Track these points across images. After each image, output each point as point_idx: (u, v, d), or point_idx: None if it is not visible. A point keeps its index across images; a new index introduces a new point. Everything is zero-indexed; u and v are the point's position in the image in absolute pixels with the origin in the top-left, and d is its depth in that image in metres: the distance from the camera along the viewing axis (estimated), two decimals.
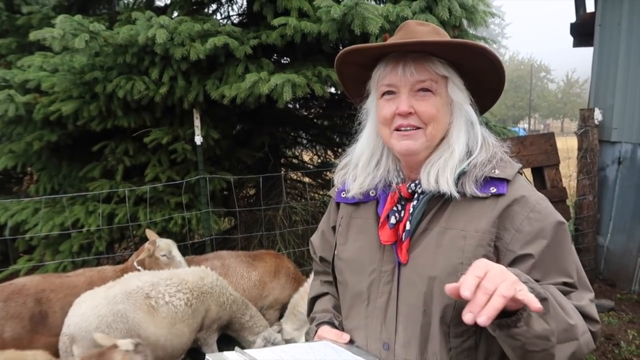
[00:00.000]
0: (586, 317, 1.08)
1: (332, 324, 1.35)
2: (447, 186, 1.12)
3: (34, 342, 2.97)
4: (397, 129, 1.17)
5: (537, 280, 1.06)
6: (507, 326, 0.94)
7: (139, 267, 3.28)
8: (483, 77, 1.20)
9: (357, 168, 1.28)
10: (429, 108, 1.15)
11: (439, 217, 1.16)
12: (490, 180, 1.13)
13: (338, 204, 1.39)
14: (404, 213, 1.20)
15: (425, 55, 1.15)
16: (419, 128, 1.16)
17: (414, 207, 1.18)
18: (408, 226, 1.17)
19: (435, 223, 1.16)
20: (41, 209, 3.92)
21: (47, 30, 3.36)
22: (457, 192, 1.13)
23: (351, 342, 1.28)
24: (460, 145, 1.16)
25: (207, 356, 1.05)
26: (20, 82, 3.86)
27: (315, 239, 1.51)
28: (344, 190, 1.33)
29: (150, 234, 3.45)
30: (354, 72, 1.29)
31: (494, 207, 1.11)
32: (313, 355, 1.16)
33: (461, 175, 1.14)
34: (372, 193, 1.27)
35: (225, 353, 1.09)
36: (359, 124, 1.33)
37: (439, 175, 1.14)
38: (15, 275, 4.02)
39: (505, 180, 1.13)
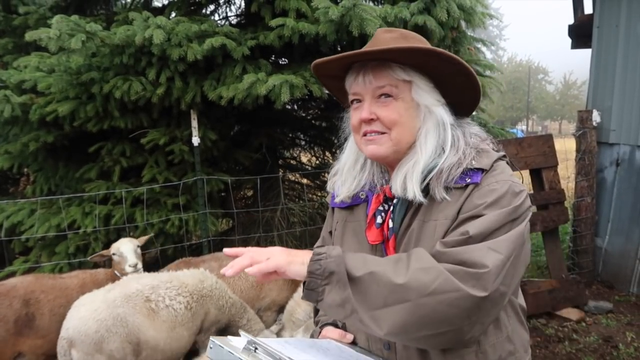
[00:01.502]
0: (465, 263, 1.00)
1: (336, 325, 1.37)
2: (413, 193, 1.14)
3: (18, 345, 2.93)
4: (364, 135, 1.21)
5: (466, 235, 1.04)
6: (310, 297, 1.07)
7: (115, 272, 3.33)
8: (450, 78, 1.20)
9: (349, 172, 1.31)
10: (389, 113, 1.17)
11: (419, 212, 1.18)
12: (466, 171, 1.14)
13: (334, 209, 1.42)
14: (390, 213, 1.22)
15: (384, 62, 1.17)
16: (384, 133, 1.19)
17: (394, 205, 1.21)
18: (391, 224, 1.20)
19: (416, 218, 1.18)
20: (37, 210, 3.90)
21: (44, 31, 3.34)
22: (430, 195, 1.15)
23: (354, 342, 1.31)
24: (428, 149, 1.17)
25: (211, 338, 1.06)
26: (17, 83, 3.84)
27: (318, 245, 1.52)
28: (336, 195, 1.36)
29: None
30: (335, 84, 1.31)
31: (463, 195, 1.12)
32: (316, 349, 1.18)
33: (430, 179, 1.15)
34: (362, 195, 1.30)
35: (230, 337, 1.10)
36: (343, 132, 1.37)
37: (406, 182, 1.16)
38: (12, 276, 4.00)
39: (481, 170, 1.13)
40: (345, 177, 1.31)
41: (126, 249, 3.33)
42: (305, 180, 5.84)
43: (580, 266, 4.85)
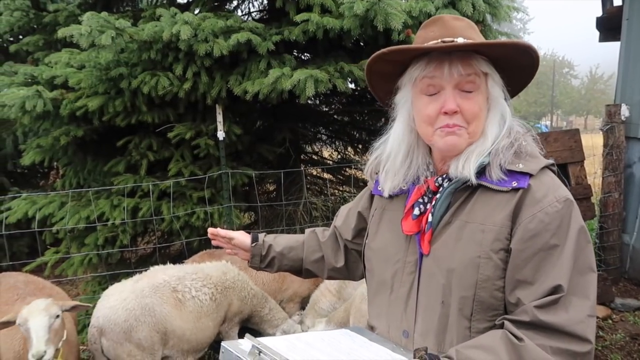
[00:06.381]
0: (569, 335, 1.03)
1: (255, 235, 1.62)
2: (469, 172, 1.14)
3: None
4: (442, 128, 1.18)
5: (525, 282, 1.07)
6: None
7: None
8: (519, 71, 1.21)
9: (393, 166, 1.30)
10: (472, 106, 1.16)
11: (462, 210, 1.17)
12: (513, 174, 1.13)
13: (373, 196, 1.44)
14: (429, 205, 1.23)
15: (470, 53, 1.16)
16: (461, 126, 1.17)
17: (437, 200, 1.21)
18: (430, 218, 1.20)
19: (458, 216, 1.18)
20: (68, 203, 4.00)
21: (75, 28, 3.42)
22: (483, 184, 1.15)
23: (372, 329, 1.34)
24: (493, 135, 1.18)
25: (222, 344, 1.14)
26: (48, 79, 3.94)
27: (344, 209, 1.59)
28: (380, 185, 1.37)
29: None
30: (384, 68, 1.29)
31: (512, 201, 1.11)
32: (327, 342, 1.22)
33: (485, 166, 1.16)
34: (404, 187, 1.30)
35: (240, 340, 1.17)
36: (392, 121, 1.35)
37: (466, 162, 1.16)
38: (43, 266, 4.13)
39: (528, 175, 1.12)
40: (393, 170, 1.30)
41: (35, 324, 2.26)
42: (327, 175, 5.86)
43: (607, 263, 4.78)
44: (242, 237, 1.64)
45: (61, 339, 2.40)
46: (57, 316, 2.35)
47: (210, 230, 1.64)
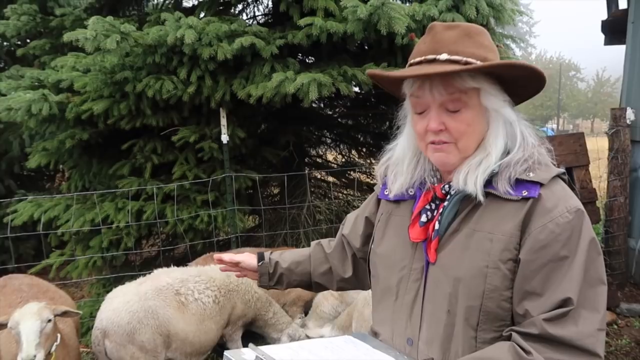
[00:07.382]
0: (579, 349, 1.02)
1: (261, 255, 1.62)
2: (474, 187, 1.11)
3: None
4: (431, 143, 1.17)
5: (534, 293, 1.06)
6: None
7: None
8: (521, 81, 1.17)
9: (401, 168, 1.29)
10: (458, 125, 1.13)
11: (470, 219, 1.15)
12: (523, 183, 1.11)
13: (379, 200, 1.43)
14: (436, 213, 1.21)
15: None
16: (450, 142, 1.15)
17: (444, 207, 1.19)
18: (437, 226, 1.18)
19: (466, 224, 1.16)
20: (73, 206, 4.02)
21: (80, 32, 3.45)
22: (491, 192, 1.13)
23: (376, 335, 1.32)
24: (498, 148, 1.14)
25: (225, 353, 1.12)
26: (54, 82, 3.98)
27: (351, 216, 1.57)
28: (387, 188, 1.36)
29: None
30: (389, 86, 1.29)
31: (522, 210, 1.09)
32: (331, 350, 1.21)
33: (494, 175, 1.13)
34: (411, 192, 1.29)
35: (243, 349, 1.15)
36: (397, 128, 1.34)
37: (468, 176, 1.13)
38: (48, 269, 4.15)
39: (539, 184, 1.10)
40: (400, 172, 1.29)
41: (26, 328, 2.22)
42: (331, 178, 5.86)
43: (613, 268, 4.74)
44: (248, 259, 1.63)
45: (53, 343, 2.35)
46: (49, 320, 2.30)
47: (215, 256, 1.65)
